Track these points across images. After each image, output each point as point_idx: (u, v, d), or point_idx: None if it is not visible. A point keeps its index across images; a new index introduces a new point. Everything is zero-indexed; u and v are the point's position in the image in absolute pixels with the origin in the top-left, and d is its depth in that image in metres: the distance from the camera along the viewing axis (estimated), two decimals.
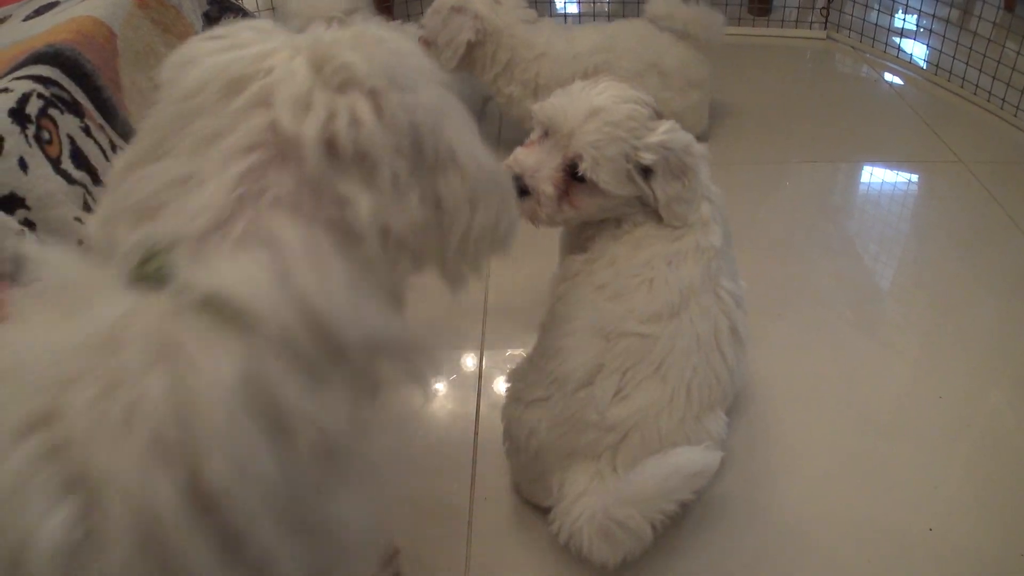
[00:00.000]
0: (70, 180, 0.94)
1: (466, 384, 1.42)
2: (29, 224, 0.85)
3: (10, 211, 0.85)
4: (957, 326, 1.47)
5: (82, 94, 1.06)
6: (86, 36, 1.14)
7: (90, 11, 1.21)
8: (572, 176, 1.05)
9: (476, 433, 1.33)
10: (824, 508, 1.18)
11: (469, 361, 1.47)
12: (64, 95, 1.01)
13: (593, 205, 1.07)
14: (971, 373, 1.38)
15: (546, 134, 1.07)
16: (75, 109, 1.02)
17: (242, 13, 1.68)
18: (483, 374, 1.44)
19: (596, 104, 1.03)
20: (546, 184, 1.06)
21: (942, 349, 1.43)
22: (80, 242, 0.89)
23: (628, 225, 1.09)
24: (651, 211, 1.08)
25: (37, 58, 1.02)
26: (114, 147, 1.07)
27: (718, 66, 1.99)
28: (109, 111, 1.11)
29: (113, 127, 1.10)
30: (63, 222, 0.89)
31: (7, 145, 0.88)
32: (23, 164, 0.89)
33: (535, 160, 1.07)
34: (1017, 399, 1.33)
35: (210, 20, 1.60)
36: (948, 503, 1.17)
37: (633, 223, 1.09)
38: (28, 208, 0.87)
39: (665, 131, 1.04)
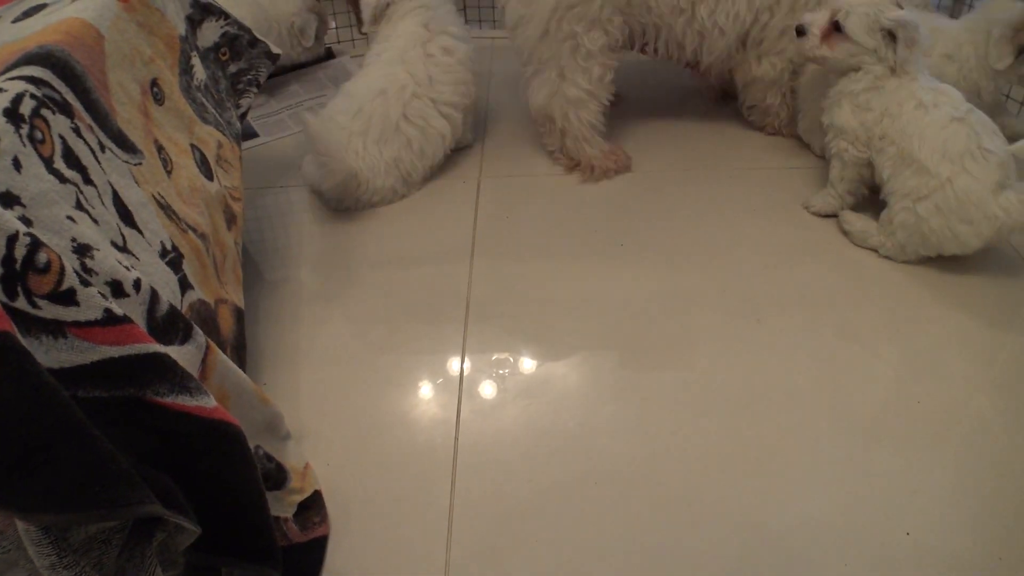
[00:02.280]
0: (62, 179, 0.95)
1: (448, 389, 1.44)
2: (26, 221, 0.86)
3: (6, 208, 0.86)
4: (939, 331, 1.52)
5: (72, 95, 1.07)
6: (75, 38, 1.15)
7: (79, 13, 1.21)
8: (835, 27, 1.72)
9: (456, 438, 1.35)
10: (803, 512, 1.21)
11: (451, 366, 1.49)
12: (55, 96, 1.02)
13: (843, 49, 1.72)
14: (951, 378, 1.42)
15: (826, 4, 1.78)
16: (66, 110, 1.03)
17: (224, 16, 1.69)
18: (464, 379, 1.45)
19: None
20: (815, 28, 1.75)
21: (923, 354, 1.47)
22: (73, 240, 0.90)
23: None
24: (883, 64, 1.70)
25: (29, 59, 1.03)
26: (103, 147, 1.09)
27: None
28: (98, 112, 1.12)
29: (101, 128, 1.11)
30: (56, 220, 0.90)
31: (3, 144, 0.89)
32: (17, 163, 0.90)
33: (812, 17, 1.77)
34: (997, 405, 1.37)
35: (193, 23, 1.61)
36: (926, 508, 1.21)
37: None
38: (24, 206, 0.87)
39: (903, 13, 1.67)
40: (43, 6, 1.31)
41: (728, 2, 1.84)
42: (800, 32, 1.77)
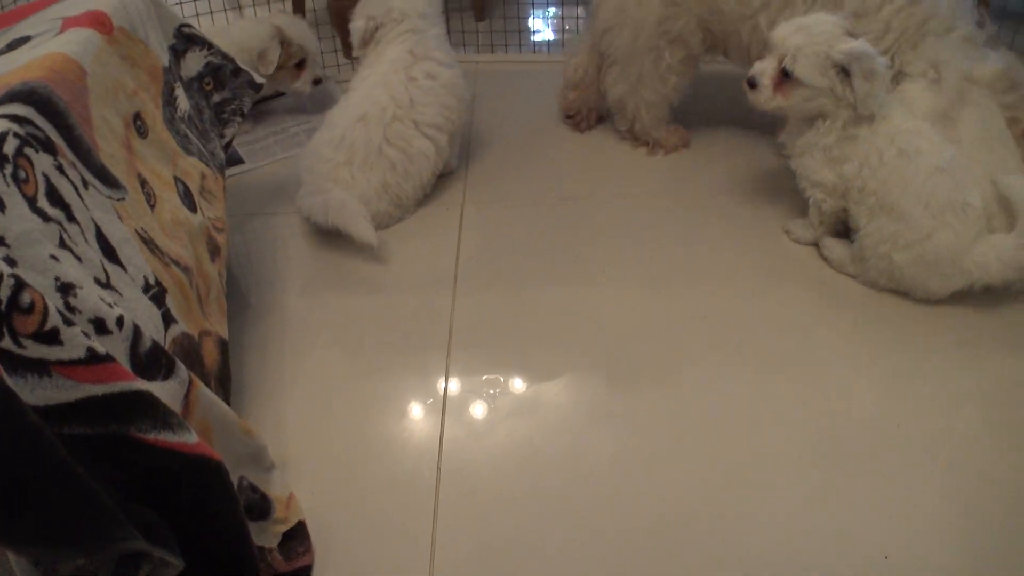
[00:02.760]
0: (46, 218, 0.96)
1: (431, 415, 1.45)
2: (9, 261, 0.87)
3: None
4: (918, 356, 1.54)
5: (55, 132, 1.08)
6: (58, 73, 1.16)
7: (62, 47, 1.23)
8: (784, 74, 1.62)
9: (439, 467, 1.36)
10: (783, 536, 1.23)
11: (435, 392, 1.50)
12: (38, 133, 1.03)
13: (798, 96, 1.63)
14: (931, 402, 1.44)
15: (772, 50, 1.65)
16: (49, 147, 1.04)
17: (208, 46, 1.70)
18: (447, 405, 1.47)
19: (800, 23, 1.62)
20: (765, 78, 1.65)
21: (902, 378, 1.49)
22: (57, 278, 0.91)
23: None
24: (846, 106, 1.61)
25: (12, 96, 1.04)
26: (85, 184, 1.10)
27: None
28: (80, 148, 1.13)
29: (84, 164, 1.12)
30: (40, 260, 0.91)
31: None
32: (1, 204, 0.91)
33: (761, 66, 1.66)
34: (978, 428, 1.39)
35: (176, 53, 1.62)
36: (904, 531, 1.23)
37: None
38: (7, 246, 0.88)
39: (856, 44, 1.57)
40: (27, 39, 1.32)
41: (788, 14, 1.81)
42: (751, 84, 1.68)
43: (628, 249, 1.85)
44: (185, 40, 1.66)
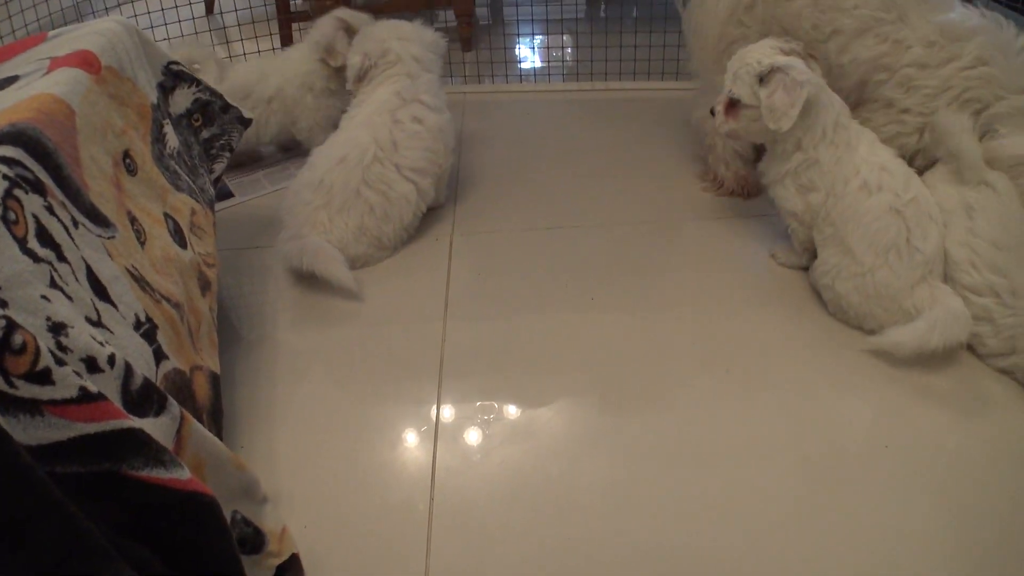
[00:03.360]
0: (36, 259, 0.97)
1: (423, 446, 1.46)
2: (1, 303, 0.88)
3: None
4: (904, 377, 1.55)
5: (44, 173, 1.09)
6: (46, 114, 1.17)
7: (50, 88, 1.24)
8: (732, 102, 1.71)
9: (432, 498, 1.37)
10: (774, 559, 1.23)
11: (427, 423, 1.50)
12: (28, 175, 1.04)
13: (745, 117, 1.71)
14: (917, 422, 1.46)
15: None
16: (38, 188, 1.05)
17: (196, 83, 1.72)
18: (439, 435, 1.47)
19: (743, 51, 1.70)
20: (719, 106, 1.75)
21: (889, 400, 1.51)
22: (48, 319, 0.92)
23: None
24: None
25: (1, 139, 1.05)
26: (75, 223, 1.11)
27: None
28: (69, 188, 1.14)
29: (74, 204, 1.13)
30: (31, 300, 0.92)
31: None
32: None
33: (720, 96, 1.75)
34: (964, 448, 1.41)
35: (165, 91, 1.63)
36: (895, 551, 1.24)
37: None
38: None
39: (779, 59, 1.63)
40: (15, 78, 1.34)
41: (855, 45, 1.80)
42: (712, 112, 1.79)
43: (617, 275, 1.86)
44: (173, 77, 1.67)
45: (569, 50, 3.10)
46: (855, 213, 1.60)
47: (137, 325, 1.14)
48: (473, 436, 1.47)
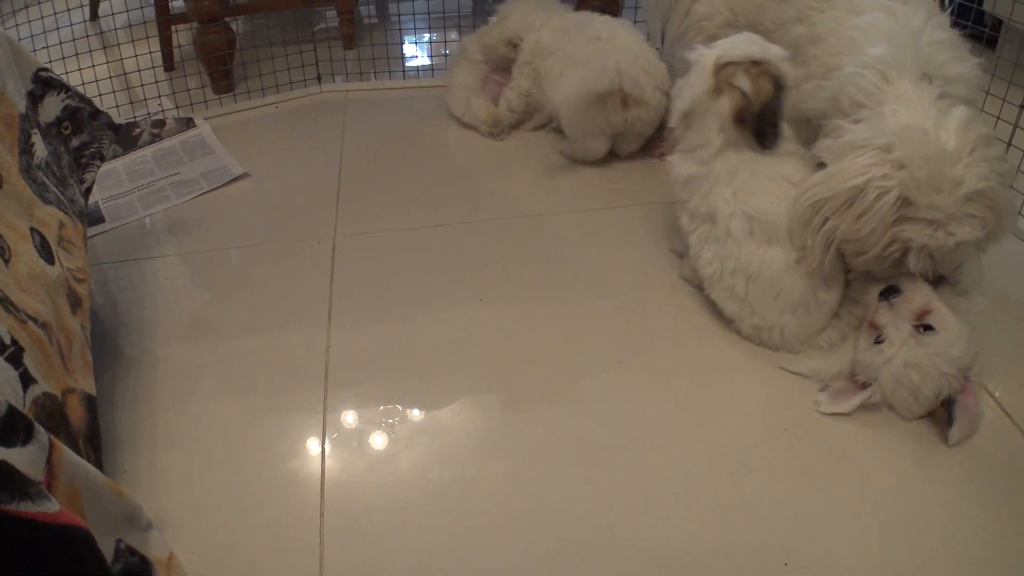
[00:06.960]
0: None
1: (311, 456, 1.42)
2: None
3: None
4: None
5: None
6: None
7: None
8: None
9: (322, 513, 1.33)
10: (682, 548, 1.24)
11: (314, 432, 1.46)
12: None
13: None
14: (814, 407, 1.46)
15: None
16: None
17: (66, 90, 1.64)
18: (327, 445, 1.44)
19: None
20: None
21: (782, 385, 1.52)
22: None
23: None
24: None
25: None
26: None
27: None
28: None
29: None
30: None
31: None
32: None
33: None
34: (861, 428, 1.42)
35: (34, 99, 1.56)
36: (803, 536, 1.24)
37: None
38: None
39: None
40: None
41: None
42: None
43: (506, 270, 1.86)
44: (43, 84, 1.59)
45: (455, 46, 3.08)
46: (759, 265, 1.54)
47: (2, 348, 1.07)
48: (365, 444, 1.44)
